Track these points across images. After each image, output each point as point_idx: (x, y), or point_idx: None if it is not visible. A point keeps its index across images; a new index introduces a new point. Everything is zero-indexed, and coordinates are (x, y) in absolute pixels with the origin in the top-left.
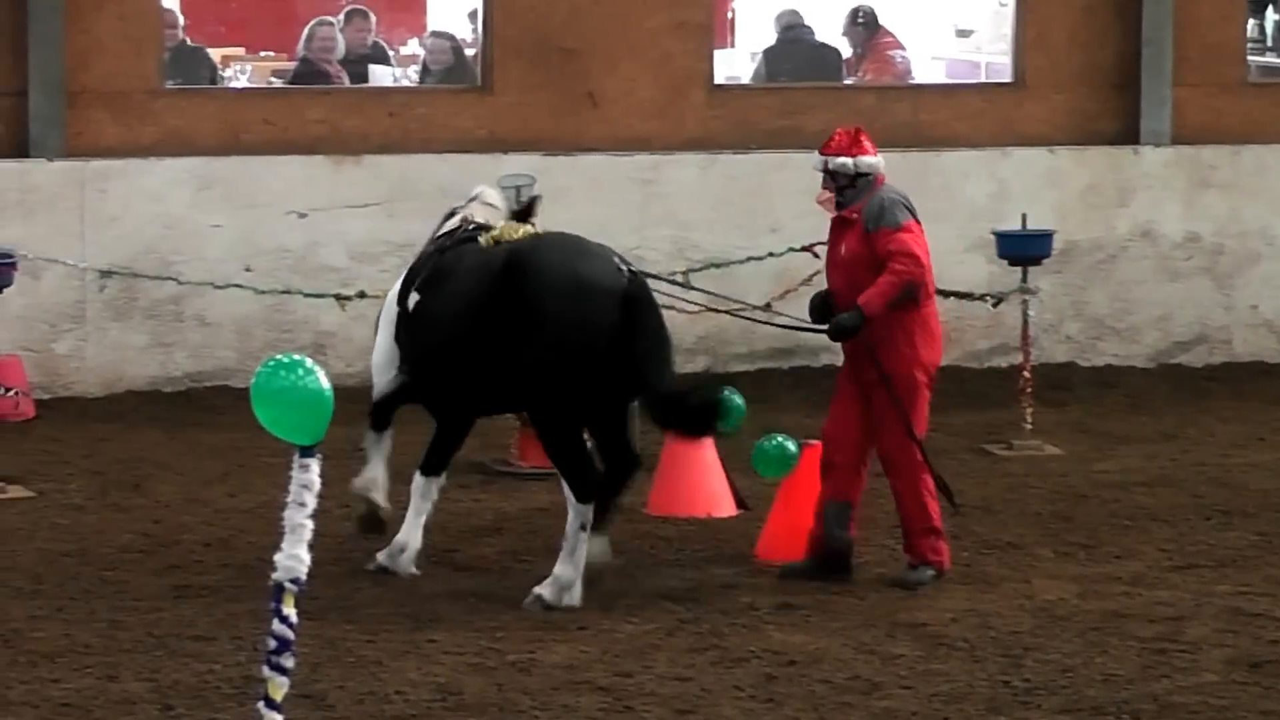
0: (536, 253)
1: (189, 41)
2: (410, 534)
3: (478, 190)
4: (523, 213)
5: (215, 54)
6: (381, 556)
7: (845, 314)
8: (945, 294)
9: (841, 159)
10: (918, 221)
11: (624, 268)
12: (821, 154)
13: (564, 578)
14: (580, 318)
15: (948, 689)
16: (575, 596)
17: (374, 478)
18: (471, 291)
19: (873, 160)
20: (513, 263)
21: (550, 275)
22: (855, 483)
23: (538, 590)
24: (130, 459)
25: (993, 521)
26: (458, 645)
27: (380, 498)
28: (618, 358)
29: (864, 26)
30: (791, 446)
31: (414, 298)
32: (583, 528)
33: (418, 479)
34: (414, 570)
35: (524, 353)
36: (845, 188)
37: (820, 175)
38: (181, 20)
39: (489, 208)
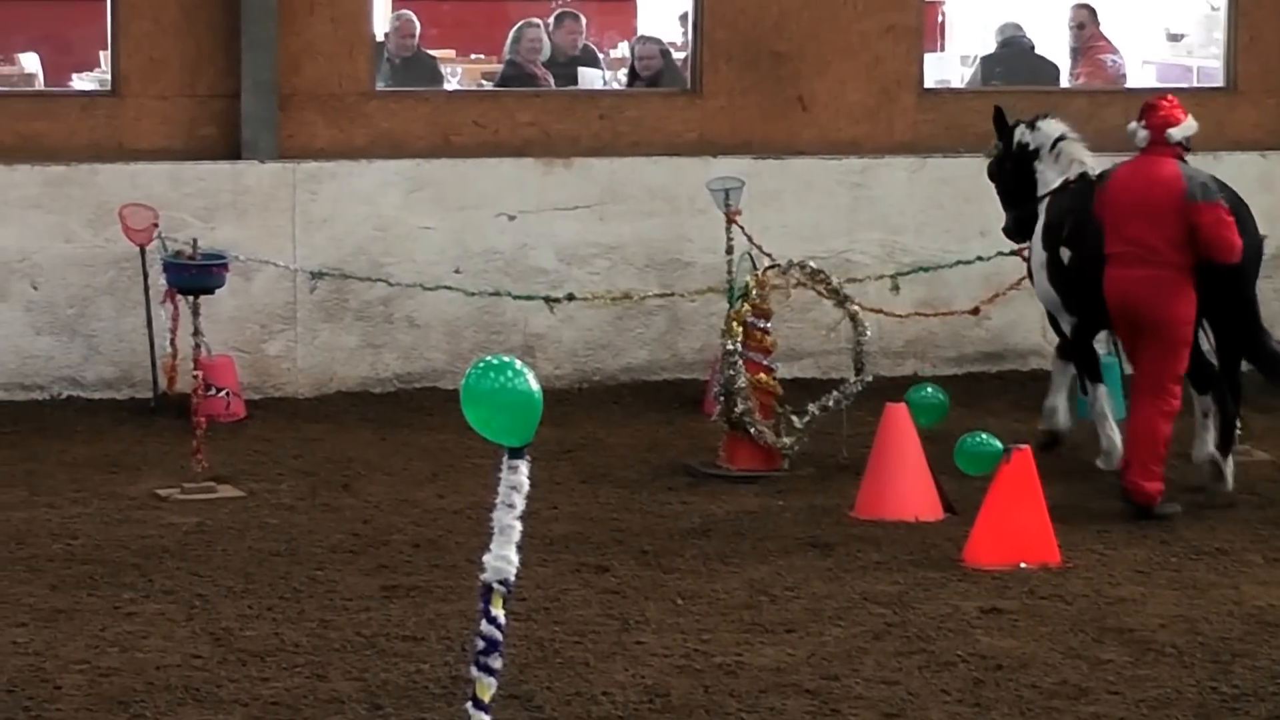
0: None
1: (423, 50)
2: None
3: (1060, 142)
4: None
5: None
6: (1099, 462)
7: None
8: None
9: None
10: (1099, 185)
11: None
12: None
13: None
14: None
15: (1156, 694)
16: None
17: (1054, 406)
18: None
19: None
20: None
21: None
22: None
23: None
24: (340, 459)
25: (1201, 527)
26: (665, 647)
27: (1060, 422)
28: None
29: (1079, 29)
30: (995, 444)
31: (1065, 252)
32: (1204, 414)
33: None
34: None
35: None
36: None
37: None
38: (418, 28)
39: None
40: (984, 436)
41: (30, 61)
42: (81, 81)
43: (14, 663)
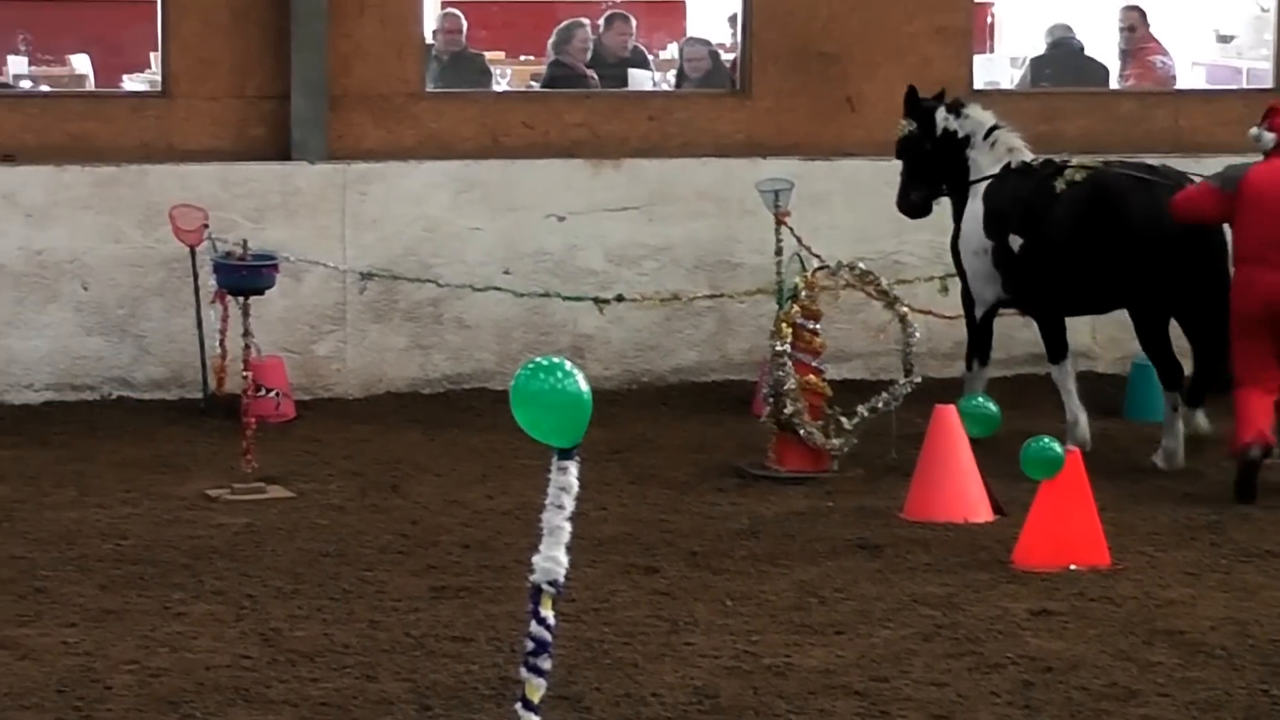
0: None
1: (470, 49)
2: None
3: (995, 131)
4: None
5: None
6: (1158, 460)
7: None
8: None
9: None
10: (1219, 186)
11: None
12: None
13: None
14: None
15: (1206, 697)
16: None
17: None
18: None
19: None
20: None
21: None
22: None
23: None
24: (389, 460)
25: (1251, 529)
26: (714, 648)
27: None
28: None
29: (1129, 31)
30: (1057, 448)
31: (1016, 240)
32: (1173, 409)
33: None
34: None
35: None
36: None
37: None
38: (465, 26)
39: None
40: (1047, 441)
41: (81, 63)
42: (132, 83)
43: (64, 663)
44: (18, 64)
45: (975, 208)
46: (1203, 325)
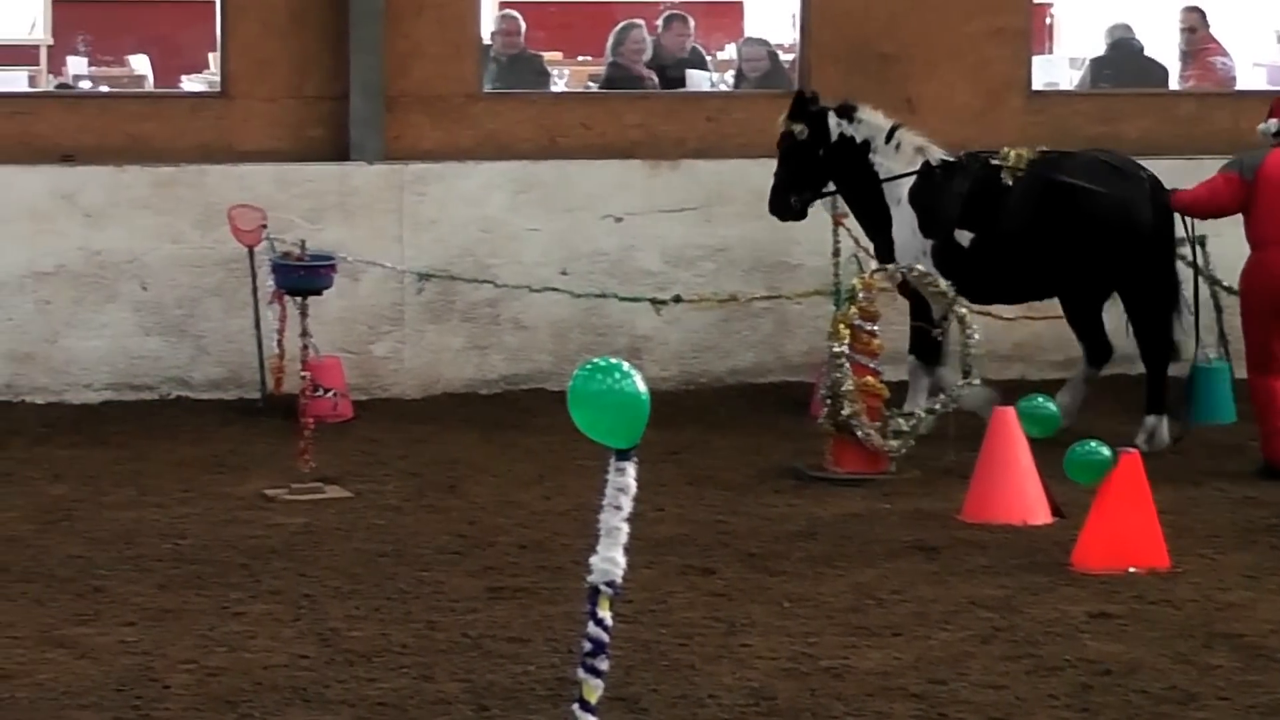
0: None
1: (528, 50)
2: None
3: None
4: None
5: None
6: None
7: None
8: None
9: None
10: (1239, 173)
11: None
12: None
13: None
14: None
15: (1266, 700)
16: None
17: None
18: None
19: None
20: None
21: None
22: None
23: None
24: (446, 460)
25: None
26: (771, 650)
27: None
28: None
29: (1189, 32)
30: (1105, 451)
31: (965, 235)
32: (1085, 380)
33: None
34: None
35: None
36: None
37: None
38: (523, 26)
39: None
40: (1093, 445)
41: (140, 63)
42: (190, 83)
43: (122, 662)
44: (77, 64)
45: (905, 213)
46: (1150, 310)
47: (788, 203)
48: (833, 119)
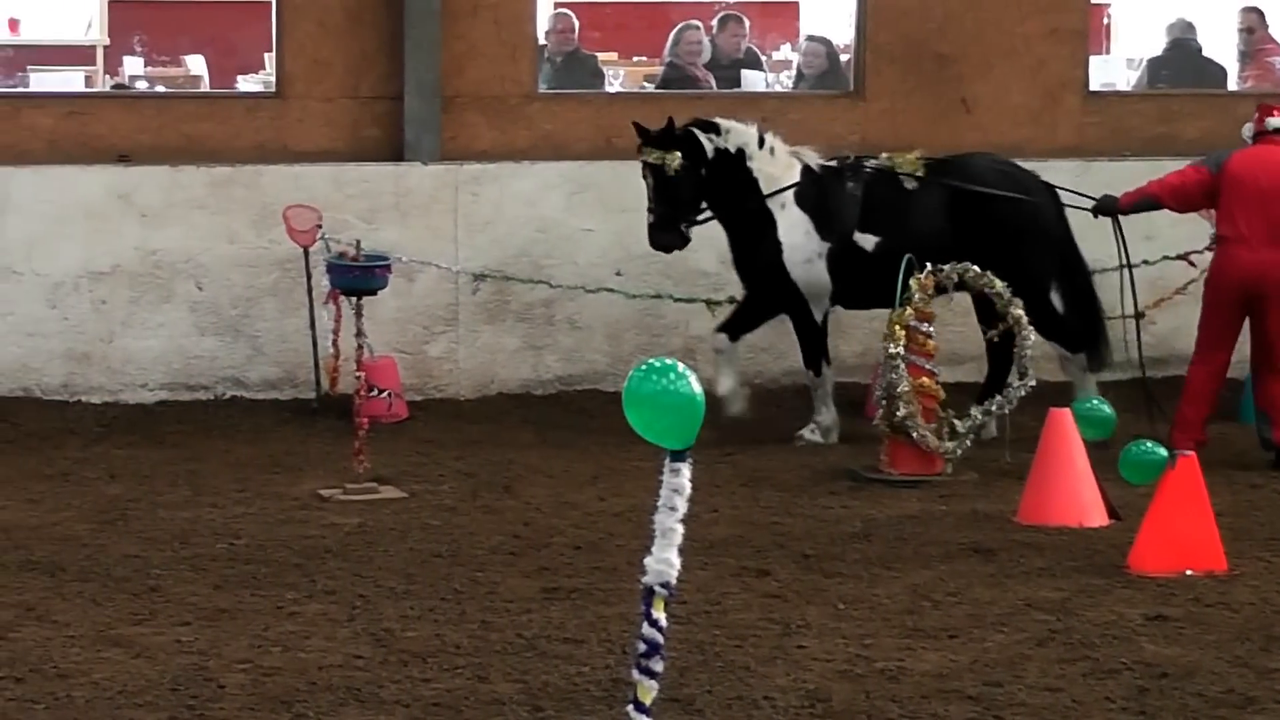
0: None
1: (582, 49)
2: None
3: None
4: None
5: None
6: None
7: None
8: None
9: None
10: (1210, 169)
11: None
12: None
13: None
14: None
15: None
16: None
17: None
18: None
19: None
20: None
21: None
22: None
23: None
24: (501, 461)
25: None
26: (826, 652)
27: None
28: None
29: (1248, 33)
30: (1160, 452)
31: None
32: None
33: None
34: None
35: None
36: None
37: None
38: (577, 26)
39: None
40: (1148, 445)
41: (196, 64)
42: (246, 83)
43: (178, 661)
44: (133, 65)
45: (794, 216)
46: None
47: (680, 231)
48: (702, 136)
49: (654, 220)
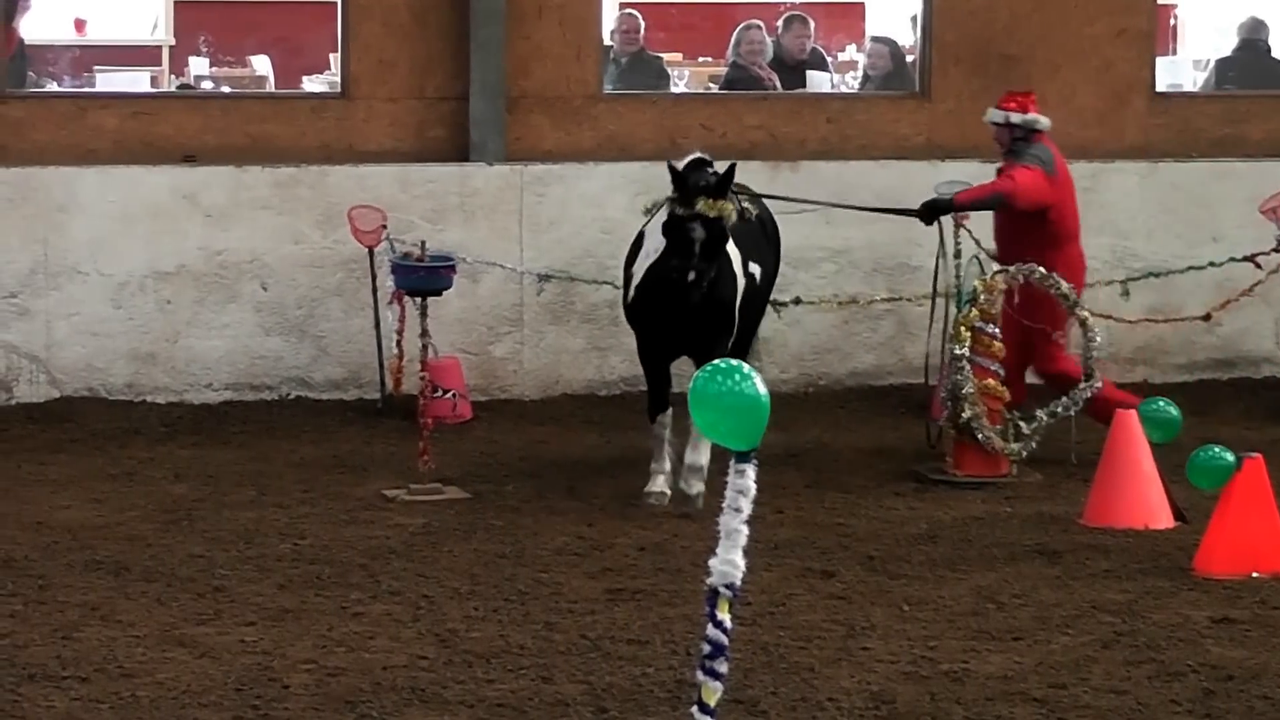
0: None
1: (647, 50)
2: None
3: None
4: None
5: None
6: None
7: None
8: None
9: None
10: (1045, 171)
11: None
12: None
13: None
14: None
15: None
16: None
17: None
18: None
19: (1030, 118)
20: None
21: None
22: None
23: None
24: (566, 462)
25: None
26: (891, 653)
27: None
28: None
29: None
30: (1228, 457)
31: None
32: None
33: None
34: None
35: None
36: (1017, 140)
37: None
38: (643, 27)
39: None
40: (1216, 450)
41: (262, 64)
42: (312, 84)
43: (242, 661)
44: (199, 65)
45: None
46: None
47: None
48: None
49: (695, 278)
